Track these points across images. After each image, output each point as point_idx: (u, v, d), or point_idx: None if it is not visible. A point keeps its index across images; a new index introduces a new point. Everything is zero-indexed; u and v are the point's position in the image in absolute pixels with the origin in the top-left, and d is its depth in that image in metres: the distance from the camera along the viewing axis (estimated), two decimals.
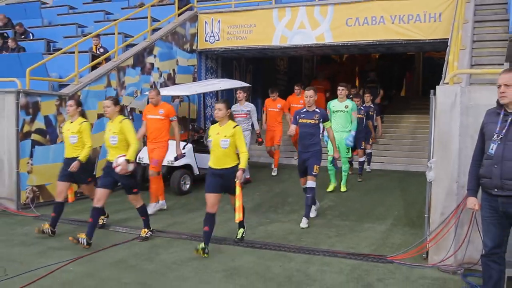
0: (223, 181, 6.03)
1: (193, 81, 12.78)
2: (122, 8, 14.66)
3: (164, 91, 10.85)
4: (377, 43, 11.67)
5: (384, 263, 5.64)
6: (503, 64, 7.06)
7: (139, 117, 10.80)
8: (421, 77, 18.99)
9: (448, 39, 8.83)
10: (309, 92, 7.43)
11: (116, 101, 6.63)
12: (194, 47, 13.07)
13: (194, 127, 11.75)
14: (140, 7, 13.46)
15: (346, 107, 9.09)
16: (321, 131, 7.56)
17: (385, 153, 13.20)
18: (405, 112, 15.32)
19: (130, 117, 10.67)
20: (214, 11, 13.23)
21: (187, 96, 10.95)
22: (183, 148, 9.70)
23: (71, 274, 5.24)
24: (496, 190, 4.00)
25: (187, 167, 9.76)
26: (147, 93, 10.69)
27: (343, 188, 9.58)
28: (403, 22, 11.24)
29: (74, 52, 9.72)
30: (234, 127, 6.03)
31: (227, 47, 13.00)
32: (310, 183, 7.30)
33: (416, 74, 19.10)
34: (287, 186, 10.29)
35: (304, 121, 7.40)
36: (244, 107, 10.46)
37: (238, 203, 5.99)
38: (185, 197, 9.40)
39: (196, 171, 9.78)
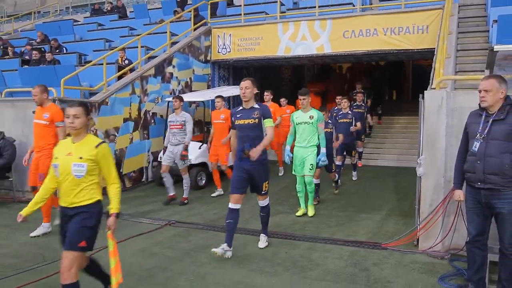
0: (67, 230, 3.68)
1: (207, 88, 12.79)
2: (145, 24, 14.67)
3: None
4: (371, 52, 11.64)
5: (379, 249, 5.61)
6: (483, 71, 6.99)
7: (160, 121, 10.83)
8: (410, 83, 18.85)
9: (434, 48, 8.77)
10: (245, 83, 5.50)
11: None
12: (208, 58, 13.08)
13: (208, 129, 11.73)
14: (160, 23, 13.46)
15: (311, 117, 6.97)
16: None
17: (379, 151, 13.13)
18: (397, 114, 15.22)
19: (152, 121, 10.70)
20: (226, 26, 13.22)
21: (203, 101, 10.95)
22: (199, 148, 9.73)
23: (101, 260, 5.25)
24: (479, 183, 3.97)
25: (203, 164, 9.77)
26: (168, 99, 10.74)
27: (311, 212, 7.30)
28: (394, 34, 11.21)
29: (102, 64, 9.75)
30: (97, 145, 3.64)
31: (237, 58, 13.00)
32: (263, 202, 5.69)
33: (406, 80, 18.96)
34: (292, 181, 10.21)
35: (241, 122, 5.50)
36: (179, 117, 8.37)
37: (113, 263, 3.69)
38: (201, 191, 9.40)
39: (210, 169, 9.78)
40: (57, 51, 13.31)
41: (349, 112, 9.96)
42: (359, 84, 13.35)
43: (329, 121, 8.95)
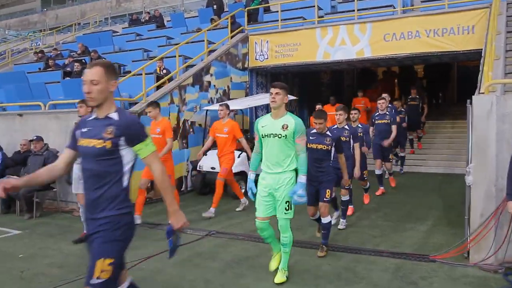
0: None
1: (245, 96, 12.86)
2: (182, 33, 14.92)
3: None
4: (414, 55, 11.44)
5: (427, 262, 5.45)
6: None
7: (199, 130, 10.97)
8: (455, 85, 18.36)
9: (481, 49, 8.52)
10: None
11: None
12: (246, 65, 13.17)
13: (247, 137, 11.80)
14: (198, 31, 13.67)
15: (284, 128, 4.60)
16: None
17: (424, 157, 12.84)
18: (442, 118, 14.86)
19: (191, 130, 10.84)
20: (263, 32, 13.29)
21: (241, 109, 11.03)
22: (238, 157, 9.77)
23: (144, 271, 5.34)
24: None
25: (242, 173, 9.81)
26: (206, 108, 10.87)
27: (280, 279, 4.92)
28: (438, 35, 10.99)
29: (141, 74, 9.98)
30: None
31: (275, 64, 13.04)
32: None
33: (452, 82, 18.49)
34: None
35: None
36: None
37: None
38: (239, 202, 9.41)
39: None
40: None
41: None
42: (413, 90, 13.08)
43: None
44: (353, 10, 12.23)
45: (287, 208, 4.73)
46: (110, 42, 16.00)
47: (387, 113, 9.40)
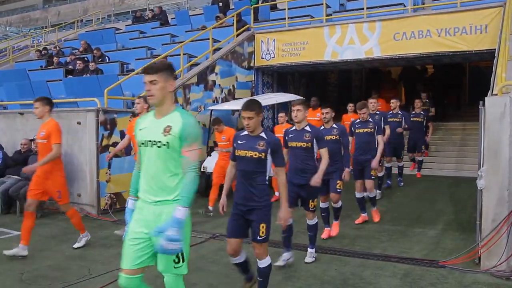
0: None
1: (251, 96, 12.87)
2: (186, 31, 14.96)
3: (225, 106, 11.02)
4: (424, 55, 11.41)
5: (436, 267, 5.44)
6: None
7: (203, 130, 10.99)
8: (467, 86, 18.29)
9: (494, 49, 8.49)
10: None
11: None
12: (252, 64, 13.18)
13: None
14: (202, 29, 13.70)
15: (166, 131, 3.16)
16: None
17: (434, 159, 12.80)
18: (453, 119, 14.81)
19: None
20: (269, 31, 13.29)
21: None
22: None
23: (145, 273, 5.36)
24: None
25: None
26: (211, 107, 10.89)
27: None
28: (449, 35, 10.94)
29: None
30: None
31: (282, 64, 13.04)
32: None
33: (463, 83, 18.40)
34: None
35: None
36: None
37: None
38: None
39: None
40: (100, 60, 13.77)
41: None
42: (424, 94, 12.90)
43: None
44: (362, 9, 12.20)
45: (176, 259, 3.29)
46: (113, 40, 16.05)
47: (370, 120, 7.71)
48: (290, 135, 5.59)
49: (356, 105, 7.69)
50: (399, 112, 10.09)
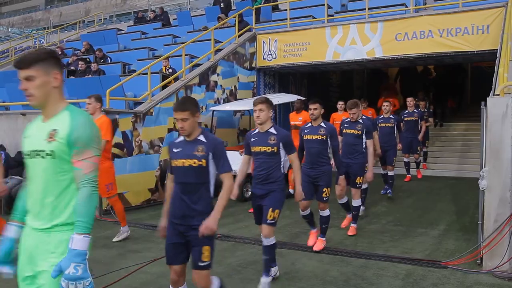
0: None
1: (253, 96, 12.87)
2: (188, 32, 14.98)
3: (227, 106, 11.03)
4: (426, 55, 11.42)
5: (438, 268, 5.44)
6: None
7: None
8: (469, 86, 18.28)
9: (496, 50, 8.48)
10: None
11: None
12: (253, 65, 13.20)
13: None
14: (204, 30, 13.72)
15: (51, 138, 2.41)
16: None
17: (436, 160, 12.80)
18: (455, 119, 14.81)
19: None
20: (271, 31, 13.30)
21: (248, 110, 11.05)
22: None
23: (148, 274, 5.37)
24: None
25: (248, 175, 9.81)
26: (213, 108, 10.90)
27: None
28: (451, 35, 10.94)
29: (147, 73, 10.03)
30: None
31: (283, 64, 13.05)
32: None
33: (465, 88, 18.35)
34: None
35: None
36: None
37: None
38: (247, 203, 9.44)
39: None
40: (102, 61, 13.80)
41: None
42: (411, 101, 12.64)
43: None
44: (364, 9, 12.21)
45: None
46: (115, 41, 16.09)
47: (360, 121, 6.95)
48: (252, 139, 4.89)
49: (347, 104, 6.99)
50: (391, 116, 9.37)
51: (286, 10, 13.34)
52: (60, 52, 15.96)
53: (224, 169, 3.61)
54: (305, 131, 5.95)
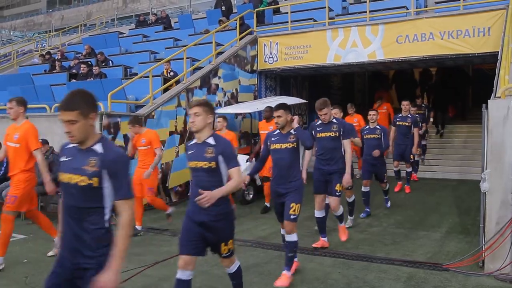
0: None
1: (254, 99, 12.89)
2: (189, 35, 15.00)
3: (229, 109, 11.04)
4: (427, 58, 11.42)
5: (440, 271, 5.43)
6: None
7: None
8: (471, 89, 18.26)
9: (497, 52, 8.48)
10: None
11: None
12: (255, 68, 13.21)
13: (255, 141, 11.83)
14: (206, 33, 13.74)
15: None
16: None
17: (438, 162, 12.78)
18: (457, 122, 14.79)
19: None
20: (272, 34, 13.32)
21: (249, 113, 11.06)
22: (247, 161, 9.79)
23: (149, 278, 5.37)
24: None
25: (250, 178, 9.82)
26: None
27: None
28: (452, 38, 10.95)
29: (148, 77, 10.05)
30: None
31: (284, 67, 13.06)
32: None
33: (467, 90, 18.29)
34: (343, 196, 10.11)
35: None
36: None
37: None
38: (248, 206, 9.45)
39: (259, 182, 9.82)
40: (103, 64, 13.83)
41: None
42: (419, 100, 12.75)
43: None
44: (365, 12, 12.21)
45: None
46: (117, 44, 16.11)
47: (335, 121, 6.46)
48: (189, 151, 3.93)
49: (315, 104, 6.29)
50: (378, 126, 8.27)
51: (287, 13, 13.36)
52: (60, 56, 16.00)
53: (122, 194, 2.68)
54: (272, 139, 5.20)
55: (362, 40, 11.90)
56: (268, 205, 8.85)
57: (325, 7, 13.00)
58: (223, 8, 15.71)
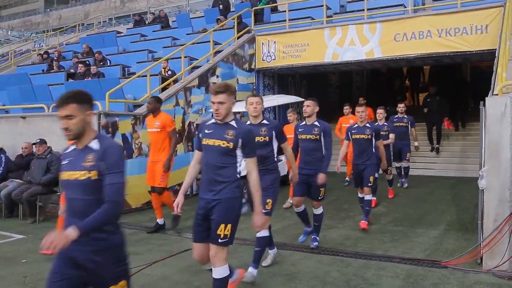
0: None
1: None
2: (187, 34, 14.99)
3: None
4: (425, 55, 11.43)
5: (438, 268, 5.44)
6: None
7: None
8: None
9: (495, 49, 8.50)
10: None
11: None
12: (253, 66, 13.21)
13: None
14: (203, 32, 13.74)
15: None
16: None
17: (436, 160, 12.80)
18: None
19: (196, 133, 10.87)
20: (270, 33, 13.32)
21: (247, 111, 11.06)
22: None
23: (148, 277, 5.37)
24: None
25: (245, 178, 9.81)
26: (211, 110, 10.92)
27: None
28: (450, 35, 10.97)
29: (146, 76, 10.04)
30: None
31: (282, 65, 13.07)
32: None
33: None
34: (342, 194, 10.15)
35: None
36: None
37: None
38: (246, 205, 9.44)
39: None
40: (101, 63, 13.82)
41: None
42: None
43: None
44: (363, 10, 12.23)
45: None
46: (114, 43, 16.10)
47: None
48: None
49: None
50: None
51: (285, 11, 13.36)
52: (58, 56, 15.98)
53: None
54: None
55: (360, 38, 11.92)
56: (160, 221, 7.57)
57: (323, 6, 13.00)
58: (221, 7, 15.71)
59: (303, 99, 12.73)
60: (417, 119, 12.88)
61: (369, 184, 7.11)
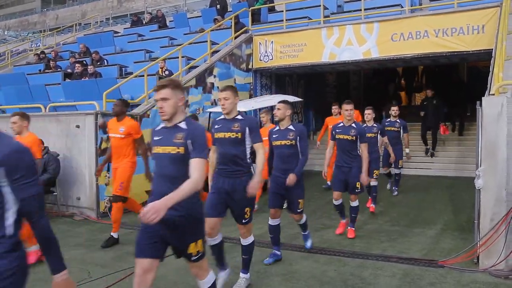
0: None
1: (249, 98, 12.90)
2: (185, 34, 14.99)
3: None
4: (422, 55, 11.45)
5: (435, 267, 5.46)
6: None
7: None
8: (465, 85, 18.31)
9: (492, 49, 8.52)
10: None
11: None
12: (250, 66, 13.21)
13: None
14: (201, 32, 13.73)
15: None
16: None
17: (432, 159, 12.82)
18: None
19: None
20: (267, 33, 13.32)
21: (245, 111, 11.05)
22: None
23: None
24: None
25: None
26: (209, 110, 10.93)
27: None
28: (447, 35, 10.99)
29: (143, 76, 10.04)
30: None
31: (280, 65, 13.07)
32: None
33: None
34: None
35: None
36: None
37: None
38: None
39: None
40: (99, 63, 13.80)
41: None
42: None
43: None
44: (360, 10, 12.24)
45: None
46: (112, 43, 16.08)
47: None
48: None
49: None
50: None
51: (283, 11, 13.37)
52: (54, 56, 15.96)
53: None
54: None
55: (357, 38, 11.93)
56: (114, 235, 6.98)
57: (320, 6, 12.99)
58: (218, 7, 15.71)
59: (301, 99, 12.83)
60: (412, 119, 13.04)
61: (356, 191, 6.67)
